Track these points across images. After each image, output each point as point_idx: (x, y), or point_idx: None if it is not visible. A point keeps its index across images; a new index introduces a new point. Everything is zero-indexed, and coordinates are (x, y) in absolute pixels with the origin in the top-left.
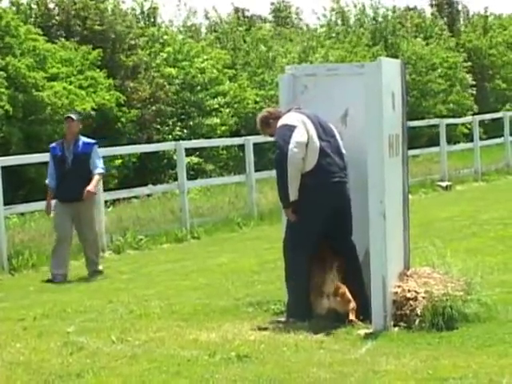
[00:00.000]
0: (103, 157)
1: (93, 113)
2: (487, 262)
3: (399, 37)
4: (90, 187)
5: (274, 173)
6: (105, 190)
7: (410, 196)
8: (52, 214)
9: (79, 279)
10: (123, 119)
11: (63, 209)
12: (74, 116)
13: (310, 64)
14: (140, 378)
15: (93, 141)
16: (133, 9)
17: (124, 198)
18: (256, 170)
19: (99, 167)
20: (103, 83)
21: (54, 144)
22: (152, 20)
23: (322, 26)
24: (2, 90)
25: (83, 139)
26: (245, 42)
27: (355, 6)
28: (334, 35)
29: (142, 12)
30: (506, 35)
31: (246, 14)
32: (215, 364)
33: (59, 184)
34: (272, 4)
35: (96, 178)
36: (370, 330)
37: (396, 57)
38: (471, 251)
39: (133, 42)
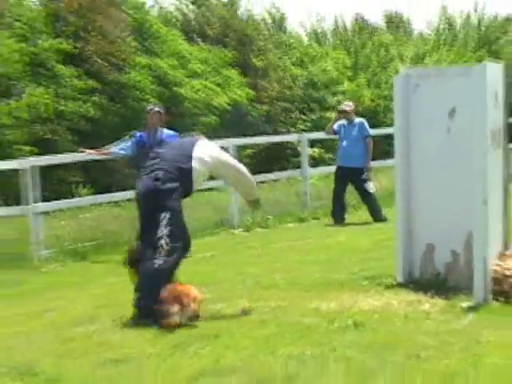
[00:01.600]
0: (236, 146)
1: (228, 107)
2: None
3: (501, 43)
4: None
5: (386, 162)
6: None
7: (510, 185)
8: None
9: None
10: (254, 113)
11: None
12: (157, 108)
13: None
14: (268, 340)
15: (174, 132)
16: (263, 18)
17: None
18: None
19: None
20: (236, 81)
21: (140, 133)
22: (280, 27)
23: (431, 33)
24: (149, 86)
25: (165, 130)
26: (365, 47)
27: (461, 16)
28: (442, 41)
29: (274, 21)
30: None
31: (366, 22)
32: (333, 331)
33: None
34: (385, 13)
35: None
36: (472, 304)
37: (499, 60)
38: None
39: (262, 46)
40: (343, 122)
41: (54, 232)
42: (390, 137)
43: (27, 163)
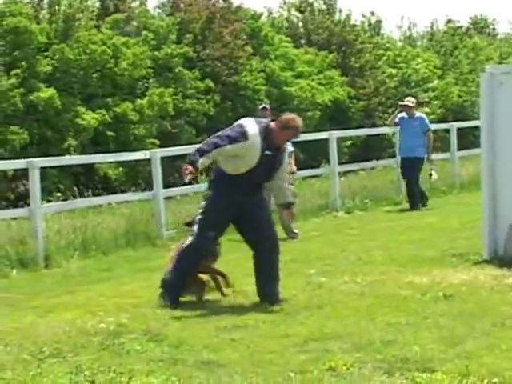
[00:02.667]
0: (337, 138)
1: (330, 104)
2: None
3: None
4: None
5: (473, 151)
6: (339, 164)
7: None
8: None
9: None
10: (353, 109)
11: None
12: (266, 106)
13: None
14: (367, 310)
15: None
16: (362, 22)
17: (353, 171)
18: (458, 149)
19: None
20: (338, 80)
21: None
22: (377, 30)
23: None
24: (261, 86)
25: None
26: (456, 49)
27: None
28: None
29: (370, 24)
30: None
31: (457, 25)
32: (426, 301)
33: None
34: (471, 16)
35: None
36: None
37: None
38: None
39: (360, 47)
40: (403, 115)
41: (180, 215)
42: (476, 128)
43: (156, 154)
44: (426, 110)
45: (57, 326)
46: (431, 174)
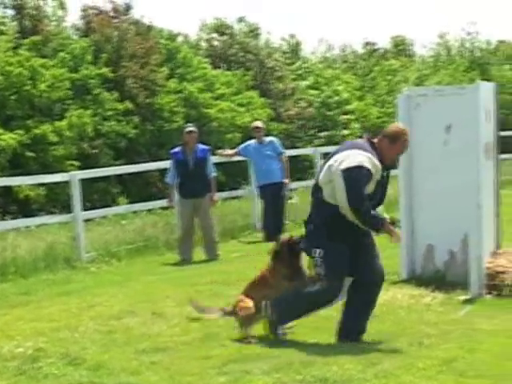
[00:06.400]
0: None
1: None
2: None
3: (492, 64)
4: (215, 197)
5: (390, 172)
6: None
7: (500, 191)
8: (176, 208)
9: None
10: (275, 131)
11: (186, 204)
12: (194, 129)
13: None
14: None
15: (207, 147)
16: (281, 44)
17: None
18: None
19: (213, 171)
20: (257, 102)
21: (175, 150)
22: (296, 53)
23: (430, 57)
24: (179, 108)
25: (200, 146)
26: (372, 71)
27: (456, 41)
28: (441, 64)
29: (290, 48)
30: None
31: (375, 47)
32: None
33: (182, 183)
34: (392, 38)
35: (214, 183)
36: (468, 297)
37: (490, 80)
38: None
39: (280, 74)
40: (253, 142)
41: (99, 236)
42: None
43: (75, 176)
44: (346, 132)
45: None
46: (290, 198)
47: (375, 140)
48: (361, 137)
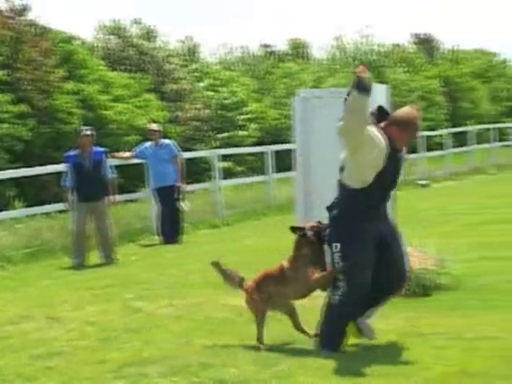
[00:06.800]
0: None
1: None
2: (456, 243)
3: (386, 67)
4: (114, 198)
5: (290, 174)
6: None
7: (397, 192)
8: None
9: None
10: (172, 134)
11: (82, 207)
12: (91, 132)
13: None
14: (184, 333)
15: (103, 149)
16: (178, 47)
17: None
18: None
19: (110, 173)
20: (154, 104)
21: (71, 153)
22: (194, 55)
23: (326, 59)
24: (76, 110)
25: (95, 148)
26: (269, 74)
27: (351, 44)
28: (337, 66)
29: (188, 50)
30: (472, 67)
31: (272, 49)
32: (242, 323)
33: (79, 186)
34: (290, 40)
35: (112, 184)
36: None
37: (383, 83)
38: (443, 235)
39: (176, 76)
40: (149, 144)
41: None
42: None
43: None
44: (244, 133)
45: None
46: (183, 200)
47: (381, 125)
48: None
